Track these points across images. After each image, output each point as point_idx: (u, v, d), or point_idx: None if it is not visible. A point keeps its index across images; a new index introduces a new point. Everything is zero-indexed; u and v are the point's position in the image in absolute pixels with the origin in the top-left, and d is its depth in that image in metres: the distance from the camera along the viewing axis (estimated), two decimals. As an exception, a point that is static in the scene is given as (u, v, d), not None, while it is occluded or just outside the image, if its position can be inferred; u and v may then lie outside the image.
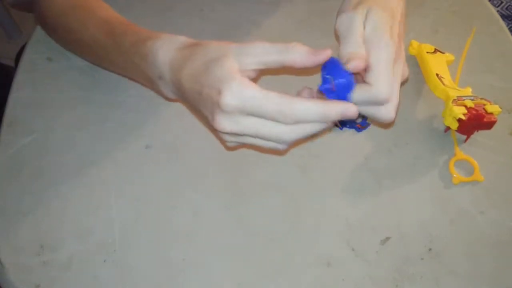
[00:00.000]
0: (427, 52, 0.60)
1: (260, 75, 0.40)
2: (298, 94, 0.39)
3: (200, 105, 0.39)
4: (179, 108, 0.56)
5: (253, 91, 0.35)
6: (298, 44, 0.36)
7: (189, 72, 0.39)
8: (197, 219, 0.49)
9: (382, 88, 0.38)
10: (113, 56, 0.49)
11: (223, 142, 0.40)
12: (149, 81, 0.46)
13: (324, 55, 0.36)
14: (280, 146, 0.38)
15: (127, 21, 0.50)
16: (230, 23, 0.64)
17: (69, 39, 0.56)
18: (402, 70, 0.41)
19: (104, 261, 0.46)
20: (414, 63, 0.62)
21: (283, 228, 0.49)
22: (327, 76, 0.37)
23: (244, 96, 0.34)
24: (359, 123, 0.55)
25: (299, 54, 0.36)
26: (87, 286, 0.45)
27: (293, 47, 0.36)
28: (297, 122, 0.35)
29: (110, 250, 0.47)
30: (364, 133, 0.55)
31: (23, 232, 0.48)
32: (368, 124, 0.56)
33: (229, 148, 0.44)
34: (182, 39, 0.42)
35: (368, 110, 0.40)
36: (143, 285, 0.45)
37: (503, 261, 0.48)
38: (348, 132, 0.56)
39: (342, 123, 0.55)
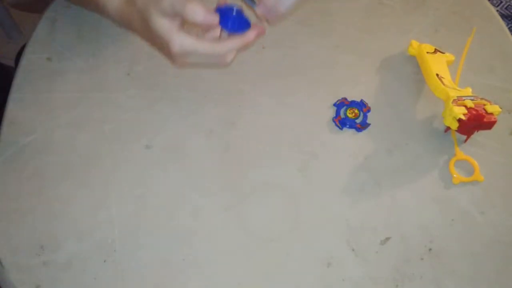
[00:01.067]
0: (427, 52, 0.60)
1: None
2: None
3: (155, 47, 0.49)
4: (179, 108, 0.56)
5: (190, 40, 0.45)
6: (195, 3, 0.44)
7: (138, 31, 0.48)
8: (197, 219, 0.49)
9: None
10: None
11: (175, 64, 0.49)
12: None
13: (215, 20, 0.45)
14: (221, 65, 0.48)
15: None
16: (230, 23, 0.64)
17: None
18: None
19: (104, 261, 0.46)
20: (414, 63, 0.62)
21: (283, 228, 0.49)
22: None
23: (185, 45, 0.45)
24: (359, 123, 0.55)
25: (197, 12, 0.44)
26: (87, 286, 0.45)
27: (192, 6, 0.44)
28: (222, 55, 0.47)
29: (110, 250, 0.47)
30: (364, 133, 0.55)
31: (23, 232, 0.48)
32: (368, 124, 0.56)
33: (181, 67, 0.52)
34: None
35: None
36: (143, 285, 0.45)
37: (503, 261, 0.48)
38: (348, 132, 0.56)
39: (342, 123, 0.55)
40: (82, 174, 0.51)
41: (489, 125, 0.52)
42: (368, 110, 0.56)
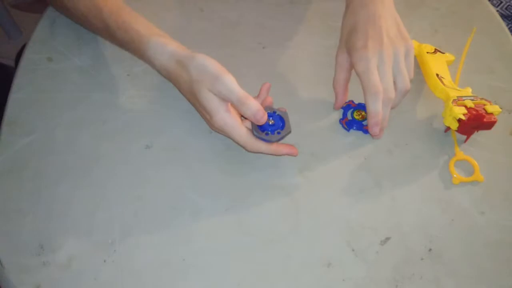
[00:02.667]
0: (427, 52, 0.60)
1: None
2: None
3: (196, 108, 0.52)
4: (179, 108, 0.56)
5: (232, 122, 0.48)
6: (253, 103, 0.47)
7: (181, 89, 0.51)
8: (197, 219, 0.49)
9: (406, 85, 0.53)
10: (105, 36, 0.57)
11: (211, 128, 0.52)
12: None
13: (263, 120, 0.48)
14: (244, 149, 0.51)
15: (117, 8, 0.54)
16: (230, 23, 0.64)
17: (64, 8, 0.59)
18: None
19: (104, 261, 0.46)
20: (414, 63, 0.62)
21: (283, 229, 0.49)
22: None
23: (226, 127, 0.48)
24: (366, 125, 0.54)
25: (249, 111, 0.47)
26: (87, 286, 0.45)
27: (248, 104, 0.47)
28: (249, 148, 0.50)
29: (110, 250, 0.47)
30: (364, 133, 0.55)
31: (23, 232, 0.48)
32: None
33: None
34: (170, 51, 0.50)
35: None
36: (142, 285, 0.45)
37: (503, 261, 0.48)
38: (347, 133, 0.56)
39: (349, 125, 0.55)
40: (82, 174, 0.51)
41: (489, 125, 0.52)
42: None
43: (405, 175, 0.53)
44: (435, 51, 0.60)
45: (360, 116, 0.56)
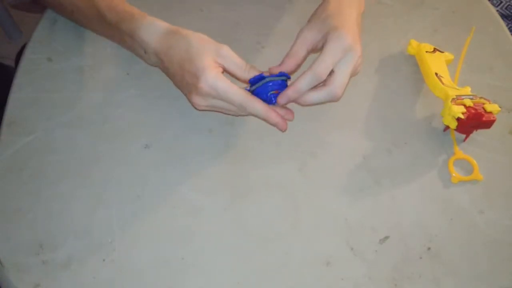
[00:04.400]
0: (427, 52, 0.60)
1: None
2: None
3: (180, 83, 0.51)
4: (179, 107, 0.56)
5: (225, 84, 0.46)
6: (253, 68, 0.49)
7: (172, 59, 0.49)
8: (196, 218, 0.49)
9: (337, 91, 0.48)
10: (95, 26, 0.58)
11: (194, 105, 0.50)
12: (133, 50, 0.55)
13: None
14: (236, 115, 0.52)
15: None
16: (229, 23, 0.64)
17: (56, 3, 0.59)
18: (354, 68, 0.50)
19: (103, 260, 0.46)
20: (413, 62, 0.62)
21: (282, 228, 0.49)
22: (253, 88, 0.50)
23: (217, 86, 0.46)
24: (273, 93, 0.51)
25: (252, 75, 0.49)
26: (86, 285, 0.45)
27: (249, 70, 0.49)
28: (249, 113, 0.49)
29: (109, 250, 0.47)
30: (363, 132, 0.55)
31: (22, 231, 0.48)
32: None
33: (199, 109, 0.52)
34: (164, 26, 0.51)
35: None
36: (142, 284, 0.45)
37: (501, 260, 0.48)
38: (347, 132, 0.56)
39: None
40: (81, 174, 0.51)
41: (488, 124, 0.52)
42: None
43: (404, 174, 0.53)
44: (434, 50, 0.60)
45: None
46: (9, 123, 0.54)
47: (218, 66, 0.48)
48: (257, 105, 0.48)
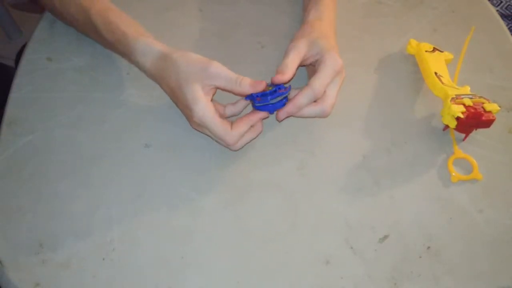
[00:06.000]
0: (426, 51, 0.60)
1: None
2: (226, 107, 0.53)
3: (178, 106, 0.52)
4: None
5: (210, 117, 0.48)
6: (245, 79, 0.49)
7: (167, 84, 0.51)
8: (196, 218, 0.49)
9: (328, 110, 0.52)
10: (95, 39, 0.58)
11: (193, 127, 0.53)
12: (134, 65, 0.55)
13: (260, 87, 0.49)
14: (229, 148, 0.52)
15: (104, 9, 0.54)
16: (229, 23, 0.65)
17: (58, 13, 0.60)
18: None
19: (103, 259, 0.46)
20: (412, 62, 0.62)
21: (282, 227, 0.49)
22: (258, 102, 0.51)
23: (204, 118, 0.48)
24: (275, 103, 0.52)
25: (245, 87, 0.49)
26: (86, 285, 0.45)
27: (241, 82, 0.49)
28: (230, 144, 0.50)
29: (109, 249, 0.47)
30: (362, 132, 0.55)
31: (22, 230, 0.48)
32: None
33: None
34: (157, 49, 0.51)
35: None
36: (141, 283, 0.45)
37: (501, 259, 0.48)
38: (346, 132, 0.56)
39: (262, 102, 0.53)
40: (81, 173, 0.51)
41: (488, 123, 0.52)
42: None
43: (404, 173, 0.53)
44: (434, 49, 0.60)
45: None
46: (9, 123, 0.54)
47: (208, 92, 0.49)
48: (239, 128, 0.50)
